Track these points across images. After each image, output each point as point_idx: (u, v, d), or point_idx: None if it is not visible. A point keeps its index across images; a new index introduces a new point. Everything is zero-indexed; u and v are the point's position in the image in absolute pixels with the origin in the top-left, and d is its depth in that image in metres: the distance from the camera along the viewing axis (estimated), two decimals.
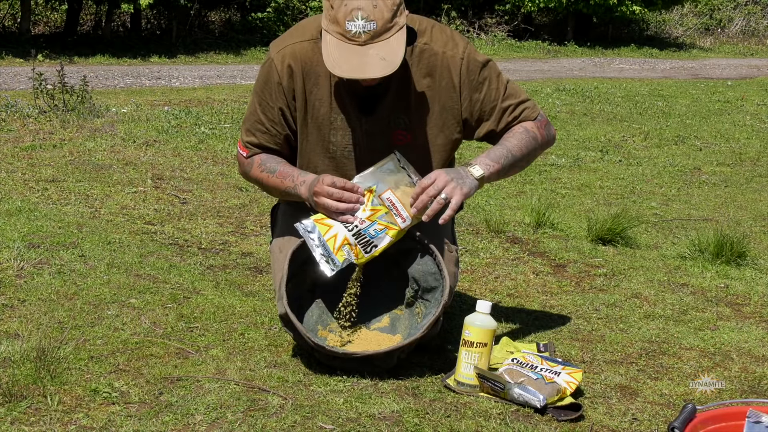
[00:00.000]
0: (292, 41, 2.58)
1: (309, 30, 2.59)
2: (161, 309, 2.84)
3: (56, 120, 6.12)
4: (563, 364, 2.51)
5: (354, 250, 2.50)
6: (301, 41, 2.57)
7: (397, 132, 2.61)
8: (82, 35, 12.62)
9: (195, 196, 4.48)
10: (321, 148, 2.62)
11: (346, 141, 2.60)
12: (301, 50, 2.56)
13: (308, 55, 2.56)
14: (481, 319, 2.43)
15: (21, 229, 3.54)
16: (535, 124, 2.68)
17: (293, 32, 2.64)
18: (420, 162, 2.61)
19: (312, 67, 2.56)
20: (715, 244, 3.97)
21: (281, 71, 2.56)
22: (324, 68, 2.51)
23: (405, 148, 2.60)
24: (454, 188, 2.44)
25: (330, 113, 2.58)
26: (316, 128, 2.61)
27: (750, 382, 2.67)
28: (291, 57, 2.56)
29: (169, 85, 9.25)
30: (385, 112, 2.58)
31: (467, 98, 2.61)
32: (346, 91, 2.56)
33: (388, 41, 2.39)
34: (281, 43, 2.61)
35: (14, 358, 2.34)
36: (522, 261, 3.81)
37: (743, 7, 21.39)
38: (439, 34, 2.61)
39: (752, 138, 7.94)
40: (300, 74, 2.56)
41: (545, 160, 6.27)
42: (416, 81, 2.58)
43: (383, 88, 2.55)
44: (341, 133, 2.60)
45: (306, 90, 2.57)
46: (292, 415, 2.18)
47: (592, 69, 13.67)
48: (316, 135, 2.61)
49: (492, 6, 16.86)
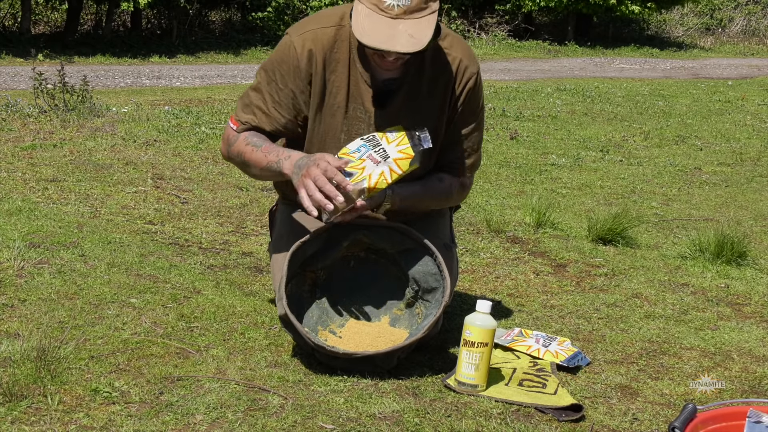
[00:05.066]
0: (315, 26, 2.57)
1: (332, 17, 2.59)
2: (162, 309, 2.84)
3: (56, 119, 6.11)
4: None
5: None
6: (323, 27, 2.56)
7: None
8: (83, 35, 12.62)
9: (195, 195, 4.48)
10: (332, 137, 2.61)
11: (355, 131, 2.60)
12: (323, 36, 2.56)
13: (330, 41, 2.55)
14: (481, 319, 2.43)
15: (21, 229, 3.53)
16: (458, 183, 2.74)
17: (315, 18, 2.63)
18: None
19: (332, 54, 2.56)
20: (715, 243, 3.97)
21: (301, 54, 2.55)
22: (344, 55, 2.53)
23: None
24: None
25: (346, 101, 2.58)
26: (330, 115, 2.60)
27: (750, 382, 2.67)
28: (312, 41, 2.55)
29: (170, 85, 9.25)
30: (395, 107, 2.59)
31: (452, 112, 2.64)
32: (364, 81, 2.56)
33: (419, 20, 2.40)
34: (302, 27, 2.60)
35: (14, 357, 2.34)
36: (522, 261, 3.81)
37: (744, 7, 21.39)
38: (459, 43, 2.64)
39: (753, 138, 7.94)
40: (321, 60, 2.55)
41: (546, 160, 6.28)
42: (426, 79, 2.60)
43: (398, 83, 2.56)
44: (354, 122, 2.60)
45: (325, 77, 2.56)
46: (292, 415, 2.18)
47: (593, 69, 13.66)
48: (330, 122, 2.60)
49: (492, 6, 16.86)
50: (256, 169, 2.61)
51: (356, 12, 2.42)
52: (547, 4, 16.14)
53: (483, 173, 5.52)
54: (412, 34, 2.38)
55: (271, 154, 2.55)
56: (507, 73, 12.21)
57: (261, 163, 2.58)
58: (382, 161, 2.47)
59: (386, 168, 2.47)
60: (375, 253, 2.65)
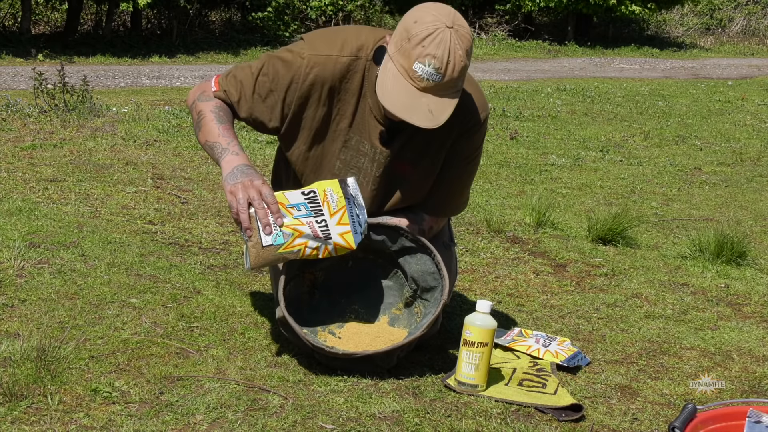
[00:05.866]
0: (331, 52, 2.50)
1: (351, 45, 2.51)
2: (162, 309, 2.84)
3: (57, 119, 6.11)
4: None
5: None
6: (339, 55, 2.49)
7: (401, 163, 2.60)
8: (83, 35, 12.62)
9: (195, 195, 4.48)
10: (328, 162, 2.58)
11: (354, 163, 2.57)
12: (337, 65, 2.49)
13: (342, 71, 2.49)
14: (481, 319, 2.43)
15: (21, 229, 3.53)
16: (436, 223, 2.75)
17: (335, 40, 2.53)
18: (409, 192, 2.64)
19: (342, 84, 2.50)
20: (715, 243, 3.97)
21: (305, 76, 2.49)
22: (355, 86, 2.49)
23: (402, 178, 2.61)
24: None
25: (348, 131, 2.55)
26: (331, 141, 2.56)
27: (750, 382, 2.67)
28: (322, 69, 2.48)
29: (170, 85, 9.25)
30: (397, 144, 2.56)
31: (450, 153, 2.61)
32: (374, 116, 2.52)
33: (443, 99, 2.35)
34: (319, 48, 2.51)
35: (15, 357, 2.34)
36: (522, 261, 3.81)
37: (744, 7, 21.39)
38: (473, 87, 2.59)
39: (753, 138, 7.94)
40: (327, 89, 2.50)
41: (546, 160, 6.28)
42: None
43: (407, 124, 2.48)
44: (354, 154, 2.57)
45: (331, 104, 2.52)
46: (292, 415, 2.18)
47: (593, 69, 13.67)
48: (329, 147, 2.57)
49: (492, 6, 16.86)
50: (203, 137, 2.51)
51: (385, 68, 2.38)
52: (547, 4, 16.14)
53: (483, 173, 5.52)
54: (432, 110, 2.34)
55: (225, 138, 2.47)
56: (507, 73, 12.21)
57: (211, 136, 2.48)
58: (323, 239, 2.39)
59: (323, 246, 2.40)
60: (373, 252, 2.65)
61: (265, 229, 2.34)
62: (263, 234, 2.34)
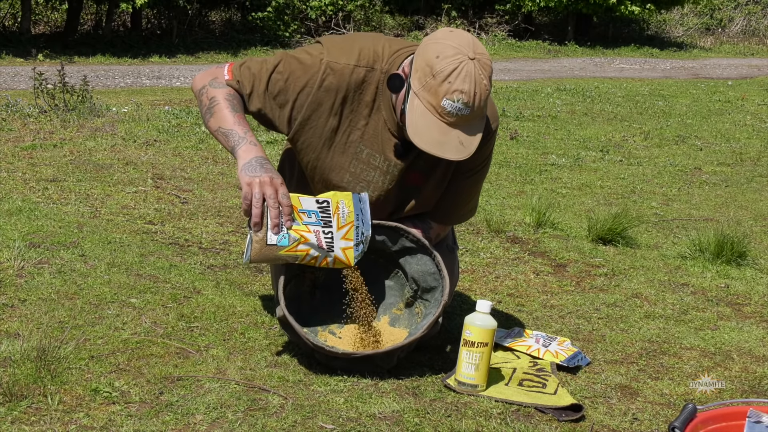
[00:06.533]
0: (349, 61, 2.48)
1: (368, 56, 2.49)
2: (162, 309, 2.84)
3: (57, 119, 6.12)
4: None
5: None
6: (357, 66, 2.47)
7: (414, 173, 2.59)
8: (83, 35, 12.62)
9: (195, 195, 4.48)
10: (337, 173, 2.57)
11: (365, 176, 2.57)
12: (354, 75, 2.47)
13: (358, 82, 2.48)
14: (481, 319, 2.43)
15: (21, 229, 3.53)
16: (443, 230, 2.76)
17: (351, 49, 2.50)
18: (420, 201, 2.64)
19: (356, 95, 2.49)
20: (715, 243, 3.97)
21: (320, 82, 2.47)
22: (368, 98, 2.48)
23: (414, 189, 2.61)
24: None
25: (359, 143, 2.53)
26: (341, 152, 2.55)
27: (750, 382, 2.67)
28: (339, 78, 2.46)
29: (170, 85, 9.25)
30: (412, 156, 2.55)
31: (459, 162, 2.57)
32: (388, 130, 2.51)
33: (472, 129, 2.36)
34: (338, 55, 2.48)
35: (14, 357, 2.34)
36: (522, 261, 3.81)
37: (744, 7, 21.40)
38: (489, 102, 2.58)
39: (753, 138, 7.94)
40: (341, 97, 2.48)
41: (546, 160, 6.28)
42: None
43: None
44: (362, 166, 2.56)
45: (343, 113, 2.50)
46: (292, 415, 2.18)
47: (593, 69, 13.67)
48: (339, 159, 2.55)
49: (492, 6, 16.86)
50: (215, 123, 2.47)
51: (411, 106, 2.35)
52: (547, 4, 16.14)
53: None
54: (462, 141, 2.34)
55: (241, 127, 2.44)
56: (507, 73, 12.21)
57: (225, 123, 2.44)
58: (325, 250, 2.41)
59: (323, 257, 2.42)
60: (374, 252, 2.65)
61: (274, 229, 2.34)
62: (270, 232, 2.34)
